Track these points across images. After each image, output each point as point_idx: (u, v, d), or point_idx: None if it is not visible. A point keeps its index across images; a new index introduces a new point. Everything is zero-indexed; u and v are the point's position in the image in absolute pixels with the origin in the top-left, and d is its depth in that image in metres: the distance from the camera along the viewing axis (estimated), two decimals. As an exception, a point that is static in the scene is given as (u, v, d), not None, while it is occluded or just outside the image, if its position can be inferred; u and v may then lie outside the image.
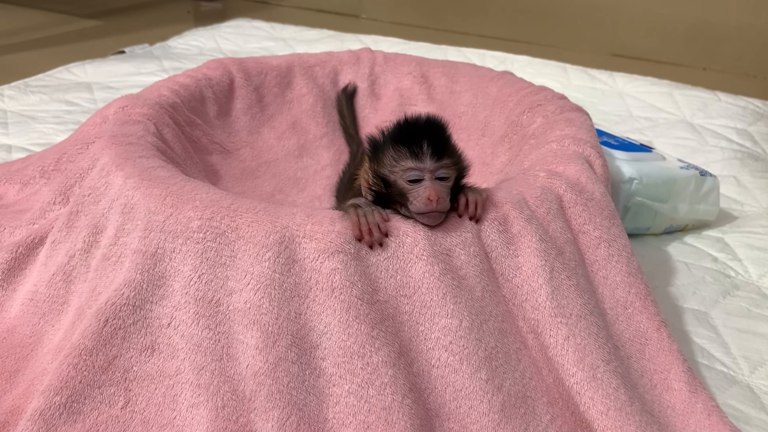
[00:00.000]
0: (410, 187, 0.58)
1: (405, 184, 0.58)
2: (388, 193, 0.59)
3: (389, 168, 0.58)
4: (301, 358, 0.54)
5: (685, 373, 0.61)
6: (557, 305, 0.59)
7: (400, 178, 0.58)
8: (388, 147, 0.59)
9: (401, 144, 0.58)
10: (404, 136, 0.58)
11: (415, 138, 0.58)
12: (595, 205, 0.67)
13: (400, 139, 0.58)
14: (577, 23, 1.84)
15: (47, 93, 1.31)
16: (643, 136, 1.24)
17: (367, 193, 0.61)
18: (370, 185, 0.61)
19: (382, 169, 0.59)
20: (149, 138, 0.75)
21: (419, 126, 0.59)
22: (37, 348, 0.64)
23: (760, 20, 1.63)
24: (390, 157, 0.58)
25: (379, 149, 0.60)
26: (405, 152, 0.58)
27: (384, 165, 0.59)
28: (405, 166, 0.58)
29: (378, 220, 0.57)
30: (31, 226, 0.74)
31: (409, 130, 0.59)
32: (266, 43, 1.69)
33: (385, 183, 0.59)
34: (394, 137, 0.59)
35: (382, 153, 0.59)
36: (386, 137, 0.60)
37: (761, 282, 0.84)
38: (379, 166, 0.59)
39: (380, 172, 0.59)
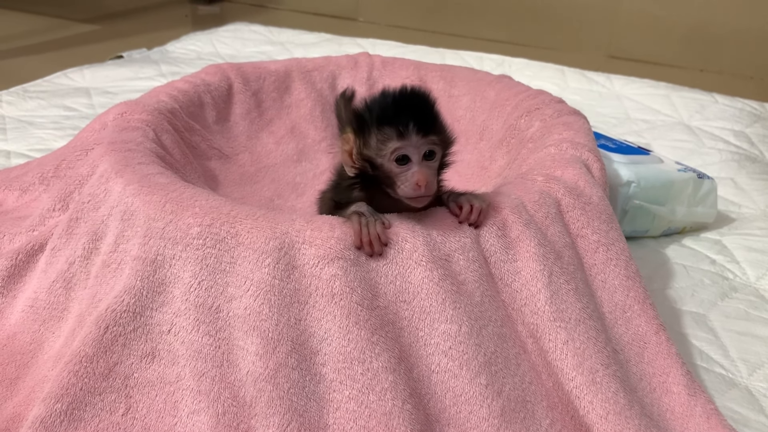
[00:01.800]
0: (398, 170, 0.57)
1: (393, 168, 0.57)
2: (375, 175, 0.59)
3: (376, 151, 0.57)
4: (302, 364, 0.55)
5: (684, 376, 0.61)
6: (556, 309, 0.59)
7: (388, 160, 0.57)
8: (374, 128, 0.57)
9: (387, 124, 0.57)
10: (390, 115, 0.57)
11: (401, 116, 0.56)
12: (593, 209, 0.67)
13: (386, 119, 0.57)
14: (574, 25, 1.84)
15: (45, 98, 1.31)
16: (641, 138, 1.24)
17: (349, 170, 0.60)
18: (355, 164, 0.59)
19: (368, 151, 0.58)
20: (148, 144, 0.75)
21: (405, 101, 0.58)
22: (38, 355, 0.65)
23: (757, 22, 1.64)
24: (376, 139, 0.57)
25: (364, 128, 0.58)
26: (391, 133, 0.56)
27: (370, 147, 0.57)
28: (392, 147, 0.56)
29: (379, 230, 0.57)
30: (30, 233, 0.74)
31: (395, 106, 0.57)
32: (264, 47, 1.69)
33: (371, 164, 0.58)
34: (380, 118, 0.57)
35: (367, 134, 0.58)
36: (371, 117, 0.58)
37: (759, 284, 0.84)
38: (365, 147, 0.58)
39: (366, 154, 0.58)
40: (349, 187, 0.62)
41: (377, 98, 0.59)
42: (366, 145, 0.58)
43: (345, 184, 0.63)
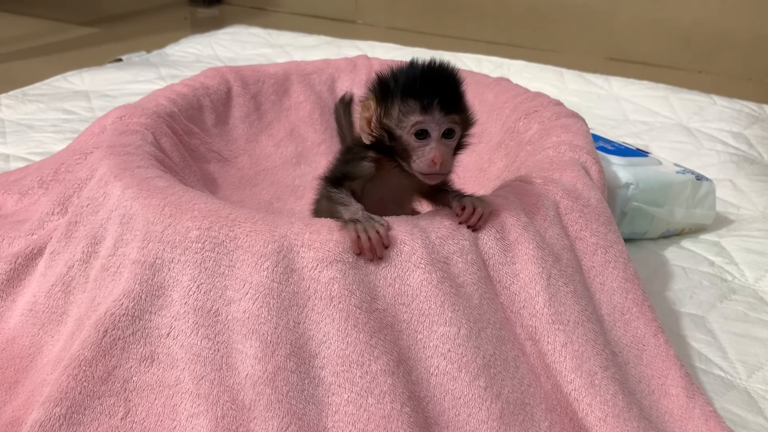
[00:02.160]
0: (416, 144, 0.57)
1: (412, 141, 0.57)
2: (391, 145, 0.58)
3: (396, 122, 0.57)
4: (300, 367, 0.55)
5: (683, 378, 0.61)
6: (555, 312, 0.59)
7: (407, 133, 0.57)
8: (398, 99, 0.57)
9: (411, 97, 0.56)
10: (415, 87, 0.56)
11: (427, 90, 0.56)
12: (592, 212, 0.68)
13: (411, 92, 0.56)
14: (573, 27, 1.84)
15: (45, 102, 1.31)
16: (640, 140, 1.24)
17: (365, 138, 0.59)
18: (373, 132, 0.59)
19: (389, 121, 0.57)
20: (147, 148, 0.75)
21: (432, 75, 0.57)
22: (37, 359, 0.65)
23: (754, 23, 1.64)
24: (398, 110, 0.57)
25: (387, 96, 0.57)
26: (415, 106, 0.56)
27: (391, 117, 0.57)
28: (413, 121, 0.56)
29: (382, 233, 0.56)
30: (29, 237, 0.74)
31: (422, 80, 0.57)
32: (263, 49, 1.70)
33: (389, 135, 0.58)
34: (405, 89, 0.56)
35: (390, 103, 0.57)
36: (396, 86, 0.57)
37: (758, 285, 0.84)
38: (386, 116, 0.57)
39: (386, 124, 0.58)
40: (360, 157, 0.61)
41: (405, 68, 0.59)
42: (387, 114, 0.57)
43: (356, 153, 0.62)
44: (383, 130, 0.58)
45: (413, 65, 0.59)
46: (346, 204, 0.59)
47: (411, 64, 0.59)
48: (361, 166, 0.62)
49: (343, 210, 0.59)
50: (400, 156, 0.58)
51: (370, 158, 0.61)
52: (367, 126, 0.59)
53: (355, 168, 0.62)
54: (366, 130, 0.59)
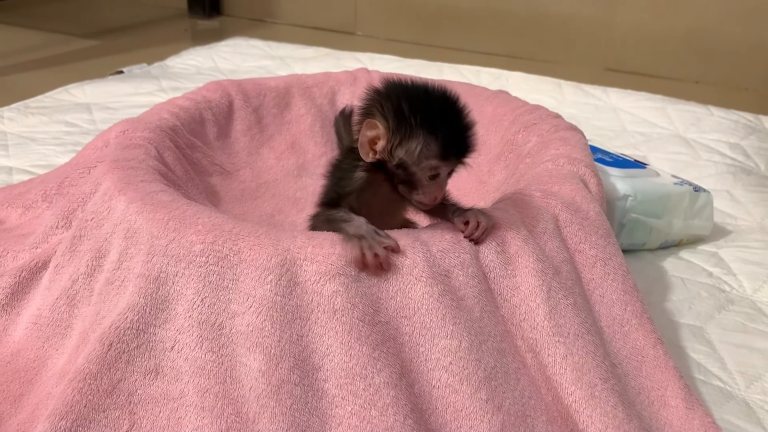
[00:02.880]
0: (427, 182, 0.58)
1: (424, 180, 0.58)
2: (396, 173, 0.59)
3: (414, 159, 0.57)
4: (304, 380, 0.55)
5: (682, 390, 0.62)
6: (555, 324, 0.60)
7: (421, 172, 0.58)
8: (419, 138, 0.57)
9: (434, 142, 0.57)
10: (439, 133, 0.57)
11: (450, 138, 0.57)
12: (591, 225, 0.68)
13: (434, 136, 0.57)
14: (570, 38, 1.86)
15: (47, 114, 1.32)
16: (638, 151, 1.25)
17: (364, 156, 0.59)
18: (378, 155, 0.59)
19: (406, 156, 0.58)
20: (151, 162, 0.76)
21: (454, 119, 0.58)
22: (41, 372, 0.65)
23: (750, 33, 1.65)
24: (419, 148, 0.57)
25: (404, 129, 0.57)
26: (436, 151, 0.57)
27: (408, 152, 0.57)
28: (432, 164, 0.58)
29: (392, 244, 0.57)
30: (34, 250, 0.75)
31: (445, 125, 0.58)
32: (263, 61, 1.71)
33: (400, 166, 0.58)
34: (428, 131, 0.57)
35: (406, 137, 0.57)
36: (417, 124, 0.57)
37: (756, 296, 0.85)
38: (400, 148, 0.58)
39: (400, 156, 0.58)
40: (351, 168, 0.62)
41: (422, 101, 0.58)
42: (401, 147, 0.58)
43: (346, 165, 0.63)
44: (392, 157, 0.58)
45: (430, 99, 0.59)
46: (348, 220, 0.60)
47: (428, 96, 0.59)
48: (353, 178, 0.62)
49: (346, 226, 0.59)
50: (400, 180, 0.59)
51: (362, 168, 0.62)
52: (369, 145, 0.59)
53: (348, 180, 0.63)
54: (367, 149, 0.59)
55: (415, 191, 0.59)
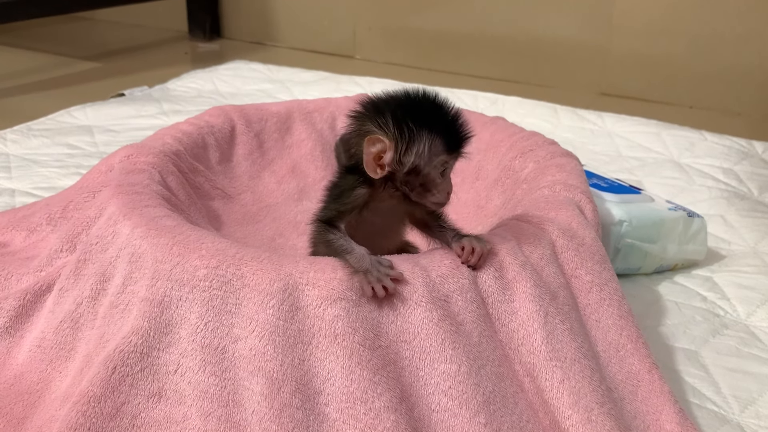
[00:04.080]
0: (439, 180, 0.60)
1: (437, 177, 0.60)
2: (408, 180, 0.60)
3: (426, 159, 0.59)
4: (305, 404, 0.56)
5: (677, 414, 0.63)
6: (552, 349, 0.61)
7: (434, 170, 0.59)
8: (425, 139, 0.58)
9: (439, 137, 0.59)
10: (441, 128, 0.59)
11: (454, 130, 0.60)
12: (587, 250, 0.70)
13: (438, 132, 0.59)
14: (566, 63, 1.89)
15: (49, 136, 1.33)
16: (632, 175, 1.27)
17: (372, 174, 0.60)
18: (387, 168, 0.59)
19: (415, 158, 0.59)
20: (154, 186, 0.77)
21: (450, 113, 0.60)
22: (45, 395, 0.66)
23: (743, 59, 1.68)
24: (427, 148, 0.58)
25: (408, 135, 0.58)
26: (442, 146, 0.59)
27: (418, 154, 0.59)
28: (442, 160, 0.59)
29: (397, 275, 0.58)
30: (38, 273, 0.76)
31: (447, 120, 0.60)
32: (263, 85, 1.73)
33: (412, 171, 0.59)
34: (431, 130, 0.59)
35: (413, 140, 0.58)
36: (419, 126, 0.59)
37: (749, 321, 0.86)
38: (410, 154, 0.59)
39: (411, 161, 0.59)
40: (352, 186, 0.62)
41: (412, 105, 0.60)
42: (410, 152, 0.59)
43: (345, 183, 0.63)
44: (401, 165, 0.60)
45: (415, 100, 0.61)
46: (349, 251, 0.60)
47: (410, 98, 0.61)
48: (354, 195, 0.63)
49: (348, 258, 0.60)
50: (411, 188, 0.61)
51: (362, 184, 0.63)
52: (375, 161, 0.60)
53: (348, 198, 0.63)
54: (373, 166, 0.60)
55: (430, 193, 0.60)
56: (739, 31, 1.67)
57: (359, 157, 0.61)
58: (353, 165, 0.63)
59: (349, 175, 0.64)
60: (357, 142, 0.62)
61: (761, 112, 1.70)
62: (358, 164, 0.61)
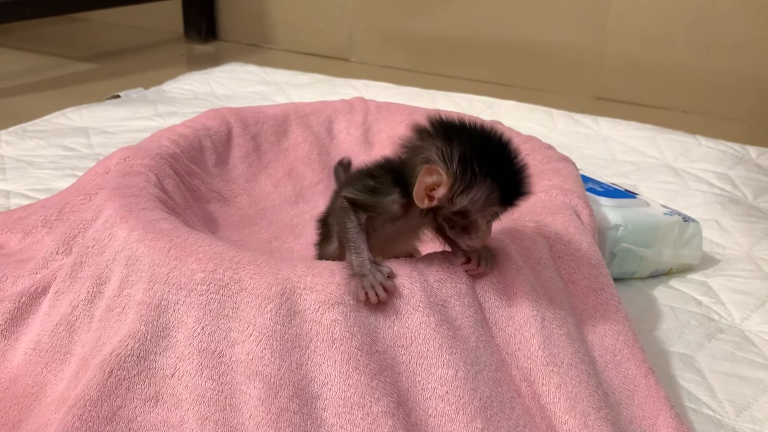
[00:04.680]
0: (484, 227, 0.58)
1: (483, 225, 0.58)
2: (452, 219, 0.59)
3: (479, 207, 0.57)
4: (303, 408, 0.56)
5: (673, 419, 0.63)
6: (549, 354, 0.61)
7: (482, 217, 0.58)
8: (484, 184, 0.56)
9: (499, 189, 0.56)
10: (505, 182, 0.57)
11: (514, 188, 0.57)
12: (583, 256, 0.70)
13: (500, 184, 0.56)
14: (561, 67, 1.89)
15: (44, 138, 1.33)
16: (628, 180, 1.27)
17: (420, 203, 0.58)
18: (437, 202, 0.57)
19: (467, 203, 0.56)
20: (151, 189, 0.77)
21: (515, 169, 0.58)
22: (40, 398, 0.66)
23: (737, 65, 1.69)
24: (483, 196, 0.56)
25: (469, 177, 0.56)
26: (498, 198, 0.57)
27: (472, 200, 0.56)
28: (494, 211, 0.58)
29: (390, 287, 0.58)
30: (33, 276, 0.75)
31: (510, 174, 0.58)
32: (259, 87, 1.73)
33: (460, 212, 0.58)
34: (494, 180, 0.56)
35: (471, 184, 0.56)
36: (483, 173, 0.56)
37: (744, 325, 0.87)
38: (464, 196, 0.56)
39: (462, 203, 0.57)
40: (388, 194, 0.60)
41: (483, 146, 0.57)
42: (465, 195, 0.56)
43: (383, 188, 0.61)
44: (452, 204, 0.57)
45: (489, 142, 0.58)
46: (357, 250, 0.60)
47: (486, 138, 0.58)
48: (390, 208, 0.61)
49: (353, 257, 0.60)
50: (452, 225, 0.59)
51: (399, 201, 0.60)
52: (426, 191, 0.57)
53: (384, 205, 0.61)
54: (422, 195, 0.57)
55: (468, 236, 0.58)
56: (734, 36, 1.68)
57: (411, 175, 0.58)
58: (400, 177, 0.60)
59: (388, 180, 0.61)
60: (413, 161, 0.59)
61: (755, 117, 1.71)
62: (406, 181, 0.59)
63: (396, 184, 0.60)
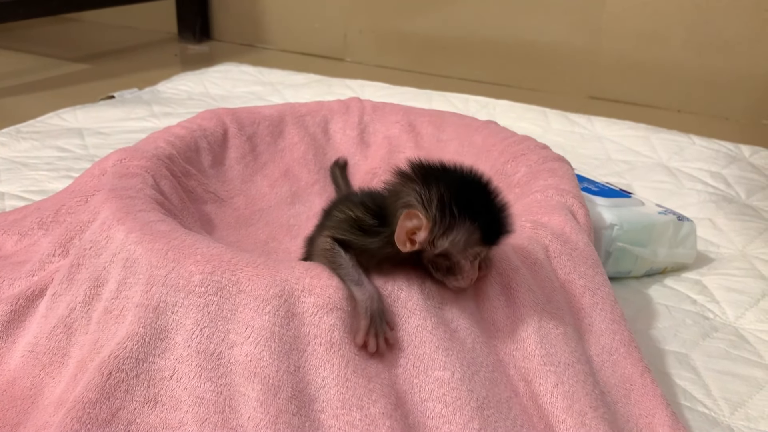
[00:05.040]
0: (467, 267, 0.59)
1: (467, 266, 0.59)
2: (434, 261, 0.59)
3: (459, 247, 0.57)
4: (301, 410, 0.56)
5: (669, 417, 0.64)
6: (546, 353, 0.62)
7: (464, 258, 0.58)
8: (463, 226, 0.56)
9: (479, 231, 0.57)
10: (484, 223, 0.57)
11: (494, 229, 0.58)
12: (579, 255, 0.70)
13: (479, 226, 0.57)
14: (556, 67, 1.90)
15: (39, 139, 1.32)
16: (622, 179, 1.28)
17: (401, 247, 0.58)
18: (419, 246, 0.58)
19: (448, 245, 0.57)
20: (148, 191, 0.77)
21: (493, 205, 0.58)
22: (38, 400, 0.65)
23: (729, 65, 1.70)
24: (464, 238, 0.57)
25: (448, 219, 0.56)
26: (479, 238, 0.57)
27: (453, 242, 0.57)
28: (476, 251, 0.58)
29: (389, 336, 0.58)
30: (30, 278, 0.75)
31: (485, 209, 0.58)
32: (254, 87, 1.73)
33: (443, 255, 0.58)
34: (473, 222, 0.57)
35: (451, 227, 0.57)
36: (462, 215, 0.57)
37: (738, 323, 0.87)
38: (445, 239, 0.57)
39: (443, 246, 0.57)
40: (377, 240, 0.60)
41: (461, 189, 0.58)
42: (445, 238, 0.57)
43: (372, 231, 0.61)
44: (433, 247, 0.58)
45: (467, 184, 0.59)
46: (359, 283, 0.59)
47: (463, 181, 0.59)
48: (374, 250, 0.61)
49: (355, 291, 0.59)
50: (436, 267, 0.60)
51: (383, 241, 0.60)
52: (408, 236, 0.58)
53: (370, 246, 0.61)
54: (404, 239, 0.58)
55: (453, 277, 0.59)
56: (727, 36, 1.69)
57: (392, 220, 0.59)
58: (382, 220, 0.60)
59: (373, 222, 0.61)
60: (394, 205, 0.59)
61: (748, 117, 1.72)
62: (388, 224, 0.60)
63: (380, 225, 0.60)
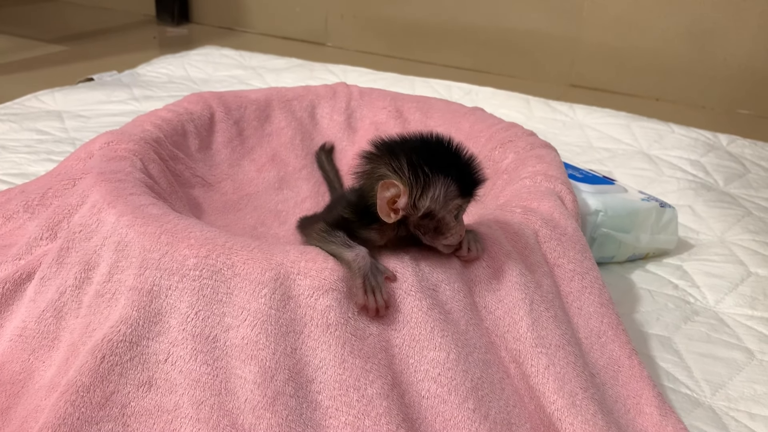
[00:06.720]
0: (453, 223, 0.60)
1: (451, 221, 0.60)
2: (422, 224, 0.61)
3: (440, 203, 0.59)
4: (298, 391, 0.57)
5: (656, 398, 0.65)
6: (537, 336, 0.63)
7: (449, 214, 0.60)
8: (440, 183, 0.58)
9: (455, 182, 0.59)
10: (458, 173, 0.59)
11: (468, 174, 0.60)
12: (568, 240, 0.71)
13: (453, 177, 0.59)
14: (537, 54, 1.91)
15: (17, 122, 1.30)
16: (603, 166, 1.30)
17: (386, 218, 0.59)
18: (403, 213, 0.59)
19: (430, 203, 0.59)
20: (137, 174, 0.76)
21: (466, 158, 0.61)
22: (28, 384, 0.65)
23: (706, 54, 1.73)
24: (442, 192, 0.58)
25: (423, 179, 0.58)
26: (456, 189, 0.59)
27: (433, 199, 0.58)
28: (457, 204, 0.60)
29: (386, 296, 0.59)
30: (17, 262, 0.74)
31: (460, 165, 0.60)
32: (235, 71, 1.71)
33: (427, 215, 0.59)
34: (447, 175, 0.58)
35: (428, 185, 0.58)
36: (436, 171, 0.58)
37: (718, 308, 0.90)
38: (425, 198, 0.58)
39: (425, 205, 0.59)
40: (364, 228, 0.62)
41: (427, 149, 0.60)
42: (425, 197, 0.58)
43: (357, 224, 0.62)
44: (416, 209, 0.59)
45: (430, 144, 0.61)
46: (349, 245, 0.60)
47: (426, 142, 0.61)
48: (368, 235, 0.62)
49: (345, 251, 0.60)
50: (424, 231, 0.61)
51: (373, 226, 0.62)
52: (389, 206, 0.59)
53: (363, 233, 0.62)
54: (387, 211, 0.59)
55: (443, 236, 0.60)
56: (705, 26, 1.72)
57: (372, 199, 0.60)
58: (365, 206, 0.61)
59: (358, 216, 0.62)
60: (370, 184, 0.61)
61: (724, 106, 1.75)
62: (371, 206, 0.60)
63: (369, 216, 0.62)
